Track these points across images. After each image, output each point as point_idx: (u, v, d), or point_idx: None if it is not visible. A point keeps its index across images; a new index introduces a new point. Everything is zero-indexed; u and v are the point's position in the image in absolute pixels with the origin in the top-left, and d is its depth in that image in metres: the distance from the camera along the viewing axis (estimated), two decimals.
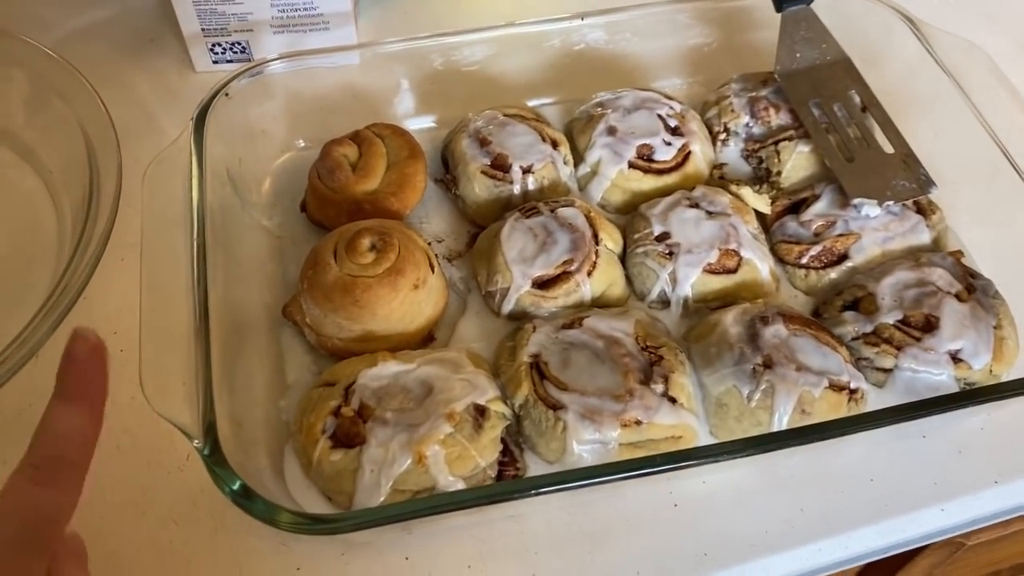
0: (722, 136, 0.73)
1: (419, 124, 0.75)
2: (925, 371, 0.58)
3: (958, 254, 0.64)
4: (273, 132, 0.73)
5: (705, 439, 0.58)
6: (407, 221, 0.68)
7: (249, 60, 0.80)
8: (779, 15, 0.73)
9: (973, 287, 0.61)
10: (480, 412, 0.55)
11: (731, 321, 0.59)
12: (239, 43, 0.79)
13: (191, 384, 0.52)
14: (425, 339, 0.62)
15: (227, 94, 0.66)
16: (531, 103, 0.77)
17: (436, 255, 0.66)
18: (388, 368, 0.57)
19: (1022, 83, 0.72)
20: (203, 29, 0.77)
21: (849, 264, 0.64)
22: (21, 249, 0.69)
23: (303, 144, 0.73)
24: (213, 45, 0.79)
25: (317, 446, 0.54)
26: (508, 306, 0.62)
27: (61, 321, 0.58)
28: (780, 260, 0.66)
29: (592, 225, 0.63)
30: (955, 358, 0.58)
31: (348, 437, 0.54)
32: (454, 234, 0.69)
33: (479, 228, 0.69)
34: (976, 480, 0.58)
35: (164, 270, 0.56)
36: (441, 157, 0.72)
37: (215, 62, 0.80)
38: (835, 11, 0.74)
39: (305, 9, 0.76)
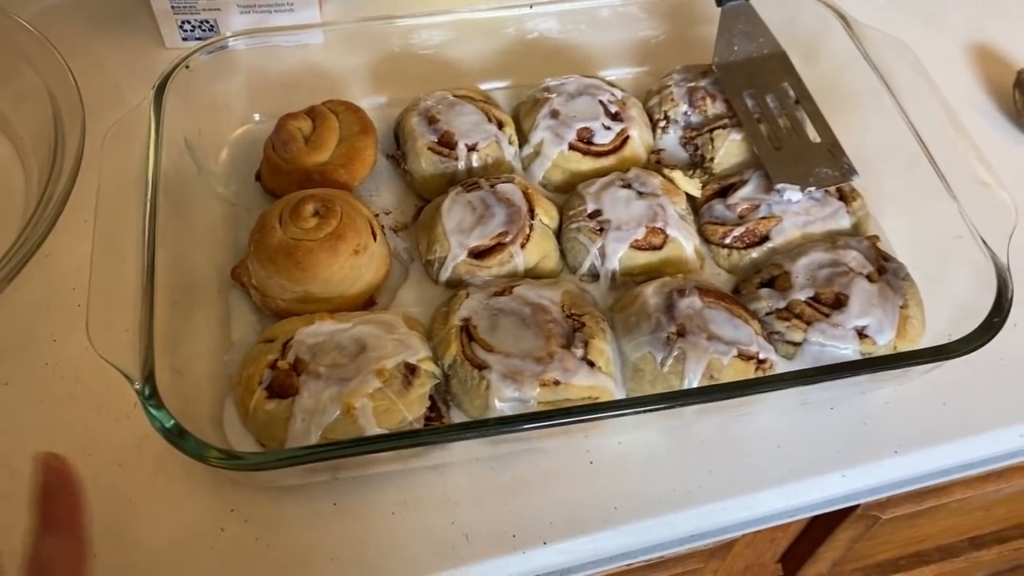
0: (662, 124, 0.76)
1: (373, 102, 0.78)
2: (832, 345, 0.61)
3: (874, 238, 0.68)
4: (234, 106, 0.76)
5: None
6: (357, 193, 0.71)
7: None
8: (719, 9, 0.77)
9: (884, 269, 0.65)
10: (411, 370, 0.59)
11: (651, 293, 0.62)
12: (207, 21, 0.82)
13: (135, 334, 0.55)
14: (366, 303, 0.66)
15: (188, 67, 0.69)
16: (483, 87, 0.80)
17: (383, 226, 0.69)
18: (324, 327, 0.60)
19: (953, 84, 0.75)
20: (173, 6, 0.81)
21: (770, 245, 0.68)
22: None
23: (260, 118, 0.77)
24: (183, 22, 0.82)
25: (254, 396, 0.57)
26: (445, 274, 0.65)
27: (16, 274, 0.62)
28: (706, 240, 0.70)
29: (529, 200, 0.67)
30: (861, 334, 0.62)
31: (283, 389, 0.58)
32: (401, 207, 0.73)
33: (425, 202, 0.72)
34: (877, 450, 0.62)
35: (118, 229, 0.60)
36: (393, 134, 0.76)
37: (184, 39, 0.84)
38: (773, 6, 0.78)
39: None
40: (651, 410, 0.53)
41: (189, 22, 0.82)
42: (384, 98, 0.79)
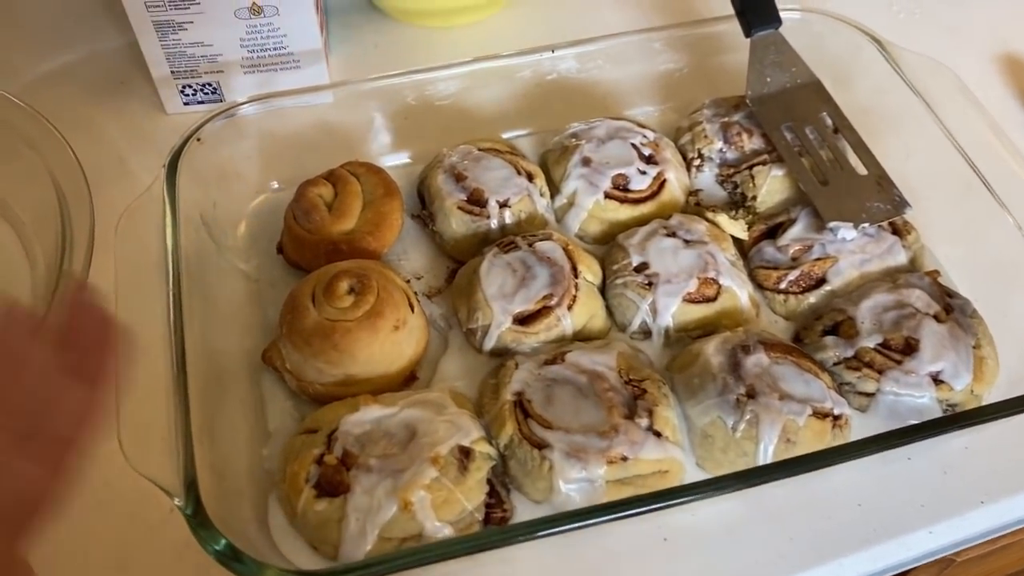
0: (696, 162, 0.73)
1: (394, 161, 0.75)
2: (907, 394, 0.58)
3: (935, 274, 0.65)
4: (246, 174, 0.72)
5: (692, 471, 0.58)
6: (385, 259, 0.68)
7: (220, 100, 0.80)
8: (748, 40, 0.74)
9: (951, 307, 0.62)
10: (465, 454, 0.55)
11: (713, 351, 0.59)
12: (210, 84, 0.78)
13: (170, 439, 0.51)
14: (407, 379, 0.62)
15: (199, 139, 0.65)
16: (505, 135, 0.77)
17: (415, 293, 0.65)
18: (370, 412, 0.56)
19: (987, 98, 0.73)
20: (172, 71, 0.77)
21: (828, 288, 0.64)
22: None
23: (277, 185, 0.73)
24: (183, 87, 0.78)
25: (301, 496, 0.53)
26: (489, 343, 0.61)
27: None
28: (759, 286, 0.66)
29: (571, 258, 0.63)
30: (936, 380, 0.58)
31: (332, 485, 0.53)
32: (433, 270, 0.69)
33: (458, 263, 0.69)
34: (962, 501, 0.59)
35: (140, 321, 0.56)
36: (417, 192, 0.72)
37: (186, 103, 0.80)
38: (803, 33, 0.75)
39: (275, 49, 0.76)
40: (737, 489, 0.50)
41: (191, 86, 0.78)
42: (403, 154, 0.76)
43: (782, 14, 0.73)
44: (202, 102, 0.80)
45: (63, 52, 0.87)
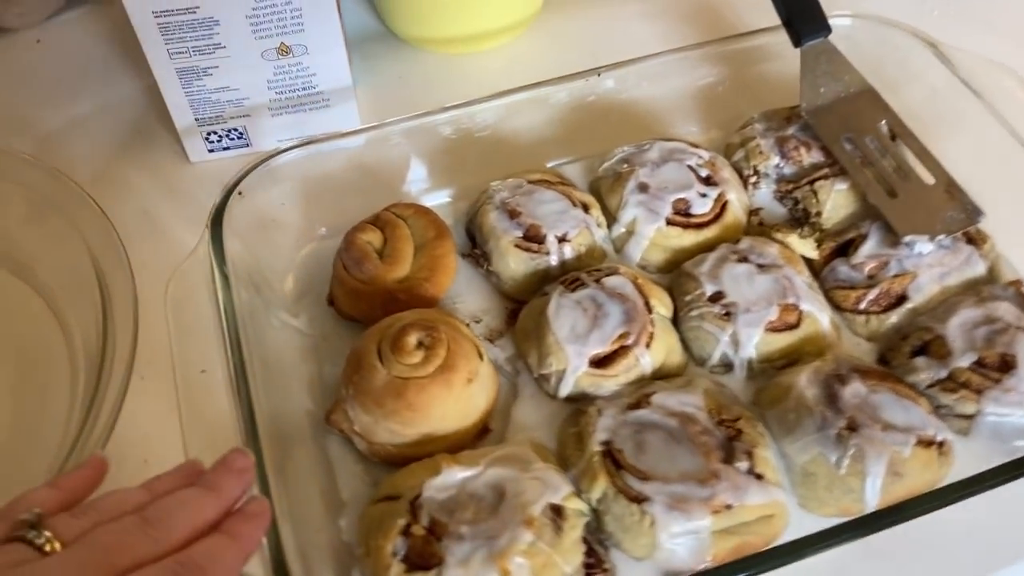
0: (752, 179, 0.70)
1: (436, 199, 0.71)
2: (1010, 413, 0.55)
3: (1018, 284, 0.62)
4: (286, 223, 0.69)
5: (793, 511, 0.55)
6: (442, 305, 0.64)
7: (247, 145, 0.76)
8: (797, 51, 0.71)
9: None
10: (557, 512, 0.52)
11: (805, 383, 0.56)
12: (236, 129, 0.75)
13: None
14: (481, 432, 0.59)
15: (240, 192, 0.62)
16: (549, 164, 0.74)
17: (478, 338, 0.62)
18: (453, 475, 0.53)
19: None
20: (197, 119, 0.73)
21: (909, 305, 0.62)
22: (31, 378, 0.65)
23: (323, 232, 0.69)
24: (208, 133, 0.75)
25: (390, 572, 0.50)
26: (566, 389, 0.58)
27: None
28: (836, 307, 0.63)
29: (641, 292, 0.60)
30: None
31: (422, 557, 0.50)
32: (491, 311, 0.66)
33: (517, 303, 0.65)
34: None
35: (201, 392, 0.53)
36: (466, 230, 0.69)
37: (211, 151, 0.76)
38: (851, 40, 0.72)
39: (304, 89, 0.73)
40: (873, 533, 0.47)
41: (216, 132, 0.75)
42: (444, 192, 0.72)
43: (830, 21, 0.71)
44: (227, 148, 0.76)
45: (72, 105, 0.84)
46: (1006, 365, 0.57)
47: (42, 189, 0.68)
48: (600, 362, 0.58)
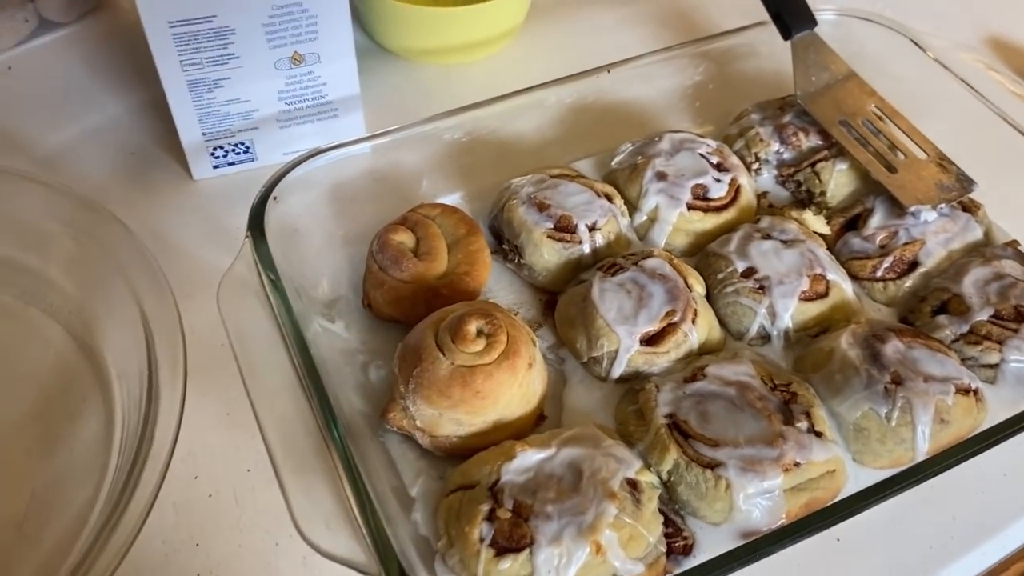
0: (755, 166, 0.74)
1: (449, 202, 0.72)
2: None
3: (1015, 244, 0.67)
4: (310, 229, 0.68)
5: (849, 466, 0.57)
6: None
7: (253, 160, 0.76)
8: (774, 47, 0.76)
9: None
10: (633, 486, 0.53)
11: (847, 345, 0.59)
12: (242, 143, 0.74)
13: (342, 514, 0.47)
14: (538, 419, 0.59)
15: (275, 197, 0.61)
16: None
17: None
18: (529, 457, 0.53)
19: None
20: (204, 133, 0.72)
21: (922, 270, 0.66)
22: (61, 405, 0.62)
23: (343, 238, 0.69)
24: (215, 148, 0.74)
25: (480, 558, 0.50)
26: (618, 369, 0.60)
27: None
28: (854, 277, 0.67)
29: (679, 272, 0.62)
30: None
31: (511, 540, 0.50)
32: (526, 304, 0.67)
33: (549, 295, 0.67)
34: None
35: (274, 398, 0.51)
36: (490, 228, 0.70)
37: (216, 167, 0.75)
38: (835, 33, 0.77)
39: (314, 99, 0.73)
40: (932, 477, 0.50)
41: (222, 147, 0.74)
42: (456, 194, 0.73)
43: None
44: (233, 163, 0.75)
45: (56, 131, 0.81)
46: (1020, 316, 0.61)
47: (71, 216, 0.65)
48: (650, 340, 0.60)
